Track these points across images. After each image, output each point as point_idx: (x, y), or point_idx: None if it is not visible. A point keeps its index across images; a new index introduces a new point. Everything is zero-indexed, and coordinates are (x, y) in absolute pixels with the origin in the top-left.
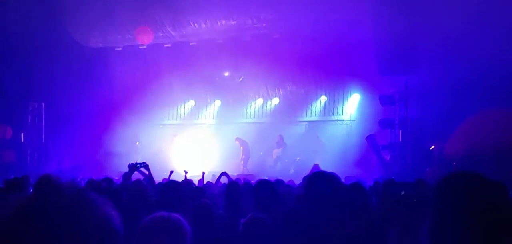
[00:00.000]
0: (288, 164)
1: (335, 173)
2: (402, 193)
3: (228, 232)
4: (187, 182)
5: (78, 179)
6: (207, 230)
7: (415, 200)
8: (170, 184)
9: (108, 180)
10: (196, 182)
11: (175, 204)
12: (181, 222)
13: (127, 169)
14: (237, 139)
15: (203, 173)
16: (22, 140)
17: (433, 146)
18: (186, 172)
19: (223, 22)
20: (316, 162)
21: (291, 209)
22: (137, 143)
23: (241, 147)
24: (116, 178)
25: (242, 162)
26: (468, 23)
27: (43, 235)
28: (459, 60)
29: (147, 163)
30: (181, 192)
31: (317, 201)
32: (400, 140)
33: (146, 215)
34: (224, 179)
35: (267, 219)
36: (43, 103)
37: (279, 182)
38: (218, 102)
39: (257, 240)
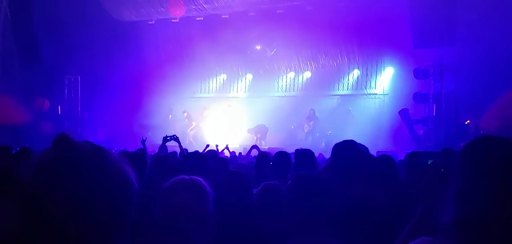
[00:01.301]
0: (319, 138)
1: (363, 145)
2: (429, 162)
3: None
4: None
5: (113, 150)
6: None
7: (442, 170)
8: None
9: (142, 150)
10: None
11: (200, 172)
12: (202, 184)
13: (160, 142)
14: (248, 131)
15: (217, 146)
16: (59, 112)
17: (468, 121)
18: (217, 146)
19: None
20: (349, 138)
21: (304, 173)
22: (170, 116)
23: (255, 137)
24: (150, 150)
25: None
26: None
27: (60, 189)
28: (496, 33)
29: (179, 135)
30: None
31: (342, 169)
32: (434, 114)
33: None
34: (254, 152)
35: (280, 187)
36: (79, 76)
37: None
38: (249, 76)
39: (271, 208)
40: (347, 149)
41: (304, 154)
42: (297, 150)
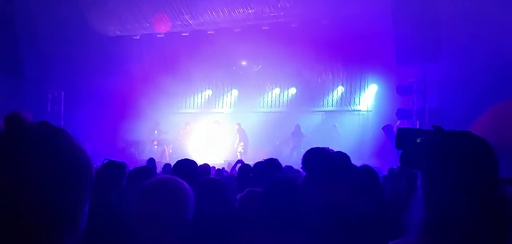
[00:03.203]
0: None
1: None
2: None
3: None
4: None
5: (95, 166)
6: (213, 205)
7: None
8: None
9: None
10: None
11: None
12: (181, 184)
13: (145, 157)
14: (237, 124)
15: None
16: None
17: None
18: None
19: (241, 10)
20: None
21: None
22: (156, 131)
23: (238, 135)
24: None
25: (242, 150)
26: (492, 7)
27: (12, 168)
28: (479, 50)
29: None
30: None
31: (314, 176)
32: None
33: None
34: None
35: (258, 192)
36: (63, 91)
37: (288, 167)
38: (235, 91)
39: (252, 213)
40: (317, 156)
41: (270, 163)
42: (267, 160)
